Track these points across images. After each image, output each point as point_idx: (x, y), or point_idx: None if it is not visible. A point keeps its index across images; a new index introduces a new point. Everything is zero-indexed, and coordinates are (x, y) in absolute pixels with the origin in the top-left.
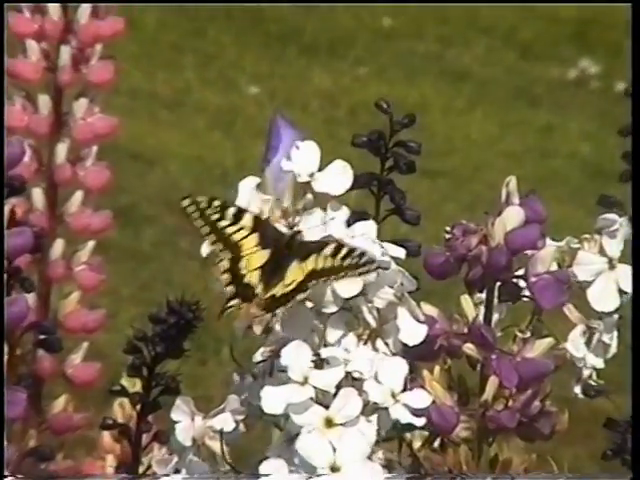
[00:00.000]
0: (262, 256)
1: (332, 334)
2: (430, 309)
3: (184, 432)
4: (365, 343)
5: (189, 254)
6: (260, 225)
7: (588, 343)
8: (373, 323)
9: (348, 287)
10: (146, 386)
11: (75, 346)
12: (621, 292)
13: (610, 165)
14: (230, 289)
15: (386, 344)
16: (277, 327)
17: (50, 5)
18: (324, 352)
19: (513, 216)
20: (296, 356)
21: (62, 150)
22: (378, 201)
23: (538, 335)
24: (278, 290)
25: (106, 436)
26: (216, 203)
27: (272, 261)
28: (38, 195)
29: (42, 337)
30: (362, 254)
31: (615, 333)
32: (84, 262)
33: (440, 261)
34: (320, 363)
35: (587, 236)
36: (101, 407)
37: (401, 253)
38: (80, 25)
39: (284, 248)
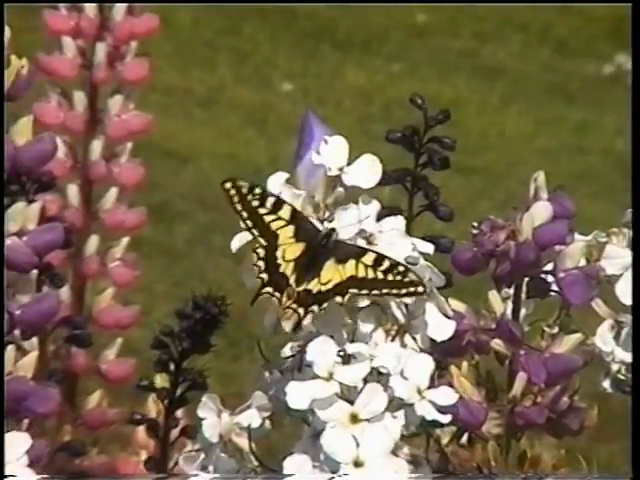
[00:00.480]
0: (297, 249)
1: (362, 329)
2: (458, 304)
3: (211, 429)
4: (393, 339)
5: (222, 251)
6: (297, 218)
7: (617, 337)
8: (402, 318)
9: None
10: (173, 382)
11: (109, 342)
12: None
13: None
14: (264, 276)
15: (414, 339)
16: (307, 323)
17: (86, 4)
18: (350, 348)
19: (541, 211)
20: (321, 351)
21: (97, 147)
22: (411, 197)
23: (566, 331)
24: (314, 286)
25: (140, 432)
26: (257, 190)
27: (306, 255)
28: (73, 192)
29: (73, 332)
30: (406, 271)
31: None
32: (118, 258)
33: (468, 257)
34: (347, 359)
35: (615, 230)
36: (136, 403)
37: (429, 249)
38: (115, 23)
39: (319, 244)
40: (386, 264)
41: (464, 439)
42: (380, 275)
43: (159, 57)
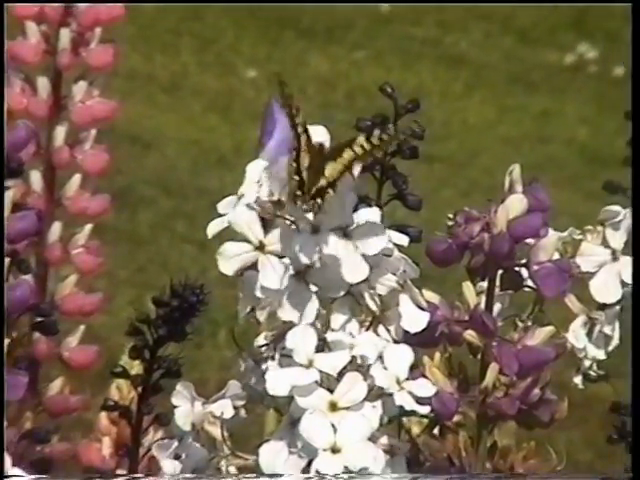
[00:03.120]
0: (306, 159)
1: (336, 319)
2: (432, 296)
3: (183, 417)
4: (367, 329)
5: (185, 237)
6: (306, 129)
7: (589, 334)
8: (375, 309)
9: (354, 272)
10: (148, 369)
11: (72, 329)
12: (623, 284)
13: (608, 150)
14: (296, 178)
15: (388, 331)
16: (279, 312)
17: None
18: (330, 336)
19: (516, 204)
20: (302, 339)
21: (61, 133)
22: (380, 186)
23: (540, 324)
24: (323, 183)
25: (103, 418)
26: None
27: (312, 164)
28: (36, 178)
29: (39, 320)
30: (395, 129)
31: (617, 325)
32: (82, 245)
33: (442, 248)
34: (323, 348)
35: (590, 227)
36: (98, 389)
37: (404, 240)
38: (80, 8)
39: (317, 155)
40: (376, 133)
41: (436, 430)
42: (376, 142)
43: (122, 42)
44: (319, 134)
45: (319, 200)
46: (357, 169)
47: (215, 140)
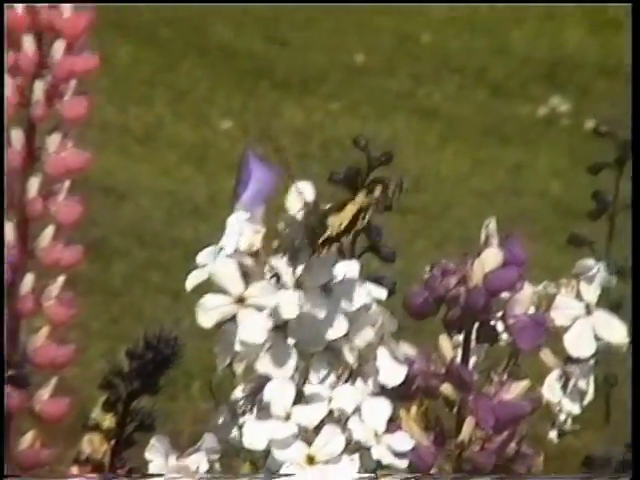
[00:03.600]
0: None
1: (315, 373)
2: (408, 349)
3: (158, 471)
4: (345, 383)
5: (160, 288)
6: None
7: (564, 388)
8: (353, 363)
9: (334, 328)
10: (121, 422)
11: (44, 381)
12: (597, 338)
13: (580, 203)
14: (287, 234)
15: (365, 384)
16: (258, 364)
17: (25, 40)
18: (308, 389)
19: (492, 258)
20: (280, 392)
21: (34, 184)
22: (354, 238)
23: (515, 378)
24: (331, 233)
25: (74, 471)
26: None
27: (309, 219)
28: (9, 229)
29: (11, 372)
30: (400, 185)
31: (591, 379)
32: (54, 297)
33: (419, 301)
34: (301, 401)
35: (564, 281)
36: (70, 443)
37: (383, 294)
38: (55, 60)
39: (313, 211)
40: (378, 189)
41: None
42: (379, 197)
43: (97, 93)
44: (306, 191)
45: (333, 249)
46: (365, 220)
47: (190, 191)
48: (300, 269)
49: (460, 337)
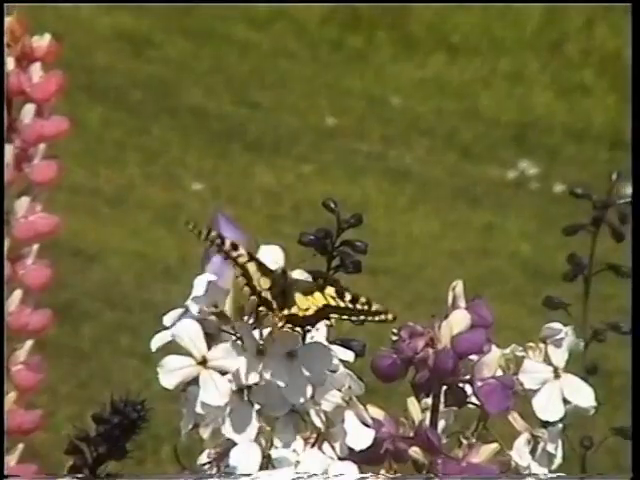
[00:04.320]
0: (266, 281)
1: (280, 436)
2: (377, 412)
3: None
4: (312, 446)
5: (129, 351)
6: (253, 257)
7: (533, 452)
8: (321, 426)
9: (297, 393)
10: None
11: (11, 447)
12: (565, 401)
13: (550, 265)
14: (254, 299)
15: (333, 448)
16: (223, 428)
17: None
18: (275, 453)
19: (459, 320)
20: (246, 456)
21: (2, 248)
22: None
23: (484, 441)
24: (297, 311)
25: None
26: (213, 234)
27: (275, 288)
28: None
29: None
30: (368, 302)
31: (560, 443)
32: (21, 362)
33: (387, 363)
34: (268, 465)
35: (532, 344)
36: None
37: (350, 356)
38: (24, 124)
39: (280, 280)
40: (348, 296)
41: None
42: (349, 304)
43: (67, 156)
44: (274, 254)
45: (298, 329)
46: (331, 322)
47: (160, 253)
48: (264, 334)
49: (429, 400)
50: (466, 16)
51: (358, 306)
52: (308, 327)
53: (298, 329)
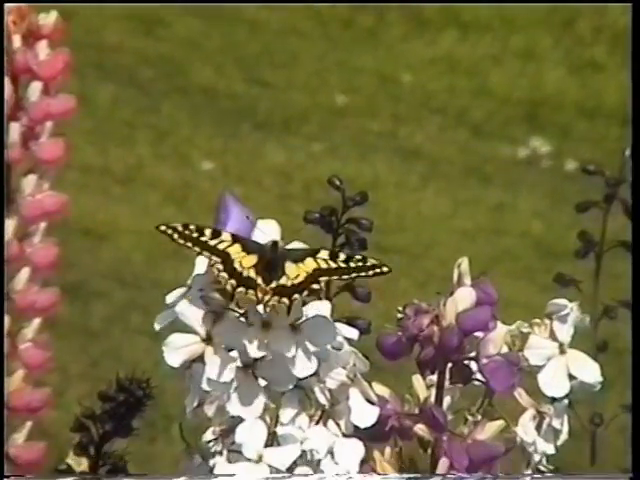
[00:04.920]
0: (251, 259)
1: (285, 413)
2: (382, 389)
3: None
4: (317, 423)
5: (139, 330)
6: (238, 239)
7: (538, 428)
8: (325, 403)
9: (302, 367)
10: (93, 465)
11: (19, 425)
12: (571, 377)
13: (561, 243)
14: (233, 281)
15: (338, 425)
16: (228, 406)
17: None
18: (280, 430)
19: (465, 297)
20: (251, 434)
21: (10, 227)
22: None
23: (489, 418)
24: (285, 282)
25: None
26: (192, 226)
27: (262, 262)
28: None
29: None
30: (364, 258)
31: (565, 418)
32: (29, 340)
33: (392, 341)
34: (273, 442)
35: (537, 320)
36: None
37: (354, 334)
38: (31, 103)
39: (269, 253)
40: (342, 256)
41: None
42: (342, 264)
43: (77, 135)
44: (271, 228)
45: (285, 300)
46: (320, 285)
47: None
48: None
49: (434, 377)
50: None
51: (352, 264)
52: (296, 295)
53: (285, 299)
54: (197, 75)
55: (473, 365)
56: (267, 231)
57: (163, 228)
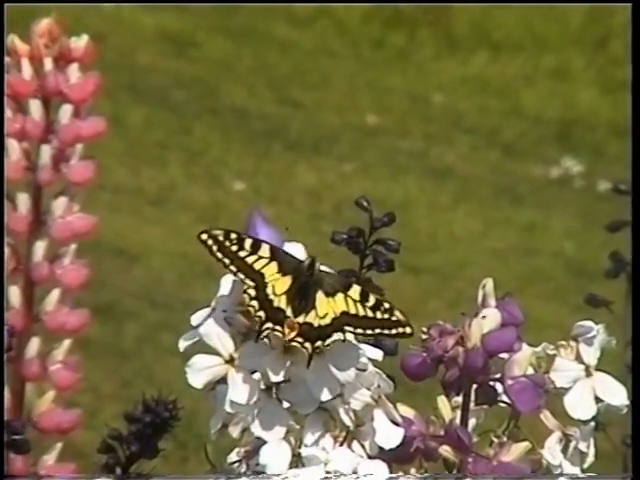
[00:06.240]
0: (285, 282)
1: (309, 434)
2: (407, 410)
3: None
4: (341, 444)
5: (171, 350)
6: (277, 254)
7: (565, 450)
8: (350, 425)
9: (325, 390)
10: None
11: (50, 446)
12: (597, 400)
13: (593, 263)
14: (261, 314)
15: (362, 446)
16: (252, 427)
17: (32, 105)
18: (304, 451)
19: (490, 318)
20: (276, 455)
21: (40, 248)
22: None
23: (515, 439)
24: (313, 320)
25: None
26: (233, 236)
27: (295, 287)
28: (15, 293)
29: (12, 437)
30: (391, 309)
31: (592, 441)
32: (59, 361)
33: (417, 362)
34: (297, 463)
35: (563, 342)
36: None
37: (378, 355)
38: (61, 125)
39: (305, 276)
40: (372, 300)
41: None
42: (369, 313)
43: (110, 156)
44: (297, 250)
45: (308, 345)
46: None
47: (202, 252)
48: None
49: (459, 398)
50: (509, 13)
51: (378, 314)
52: (319, 343)
53: (307, 345)
54: (229, 96)
55: (498, 386)
56: (294, 253)
57: (204, 237)
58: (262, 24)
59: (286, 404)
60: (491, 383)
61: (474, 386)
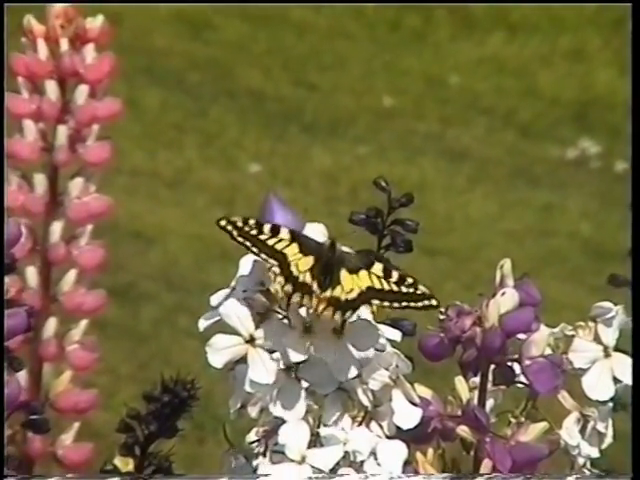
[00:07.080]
0: (308, 261)
1: (328, 414)
2: (424, 391)
3: None
4: (359, 425)
5: (188, 332)
6: (297, 236)
7: (582, 431)
8: (368, 405)
9: (344, 371)
10: (138, 466)
11: (67, 426)
12: (616, 380)
13: (610, 244)
14: (288, 287)
15: (380, 426)
16: (271, 407)
17: (48, 85)
18: (323, 431)
19: (507, 299)
20: (295, 435)
21: (56, 229)
22: None
23: (533, 420)
24: (340, 294)
25: None
26: (252, 221)
27: (319, 265)
28: (32, 274)
29: (30, 417)
30: (415, 283)
31: (610, 422)
32: (77, 341)
33: (434, 343)
34: (316, 443)
35: (582, 323)
36: None
37: (397, 335)
38: (77, 106)
39: (327, 256)
40: (395, 276)
41: None
42: (394, 287)
43: (126, 139)
44: (318, 231)
45: (338, 316)
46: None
47: (218, 234)
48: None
49: (477, 379)
50: None
51: (403, 288)
52: (348, 312)
53: (337, 315)
54: (245, 78)
55: (516, 367)
56: (314, 234)
57: (223, 223)
58: (278, 6)
59: (305, 384)
60: (509, 364)
61: (492, 366)
